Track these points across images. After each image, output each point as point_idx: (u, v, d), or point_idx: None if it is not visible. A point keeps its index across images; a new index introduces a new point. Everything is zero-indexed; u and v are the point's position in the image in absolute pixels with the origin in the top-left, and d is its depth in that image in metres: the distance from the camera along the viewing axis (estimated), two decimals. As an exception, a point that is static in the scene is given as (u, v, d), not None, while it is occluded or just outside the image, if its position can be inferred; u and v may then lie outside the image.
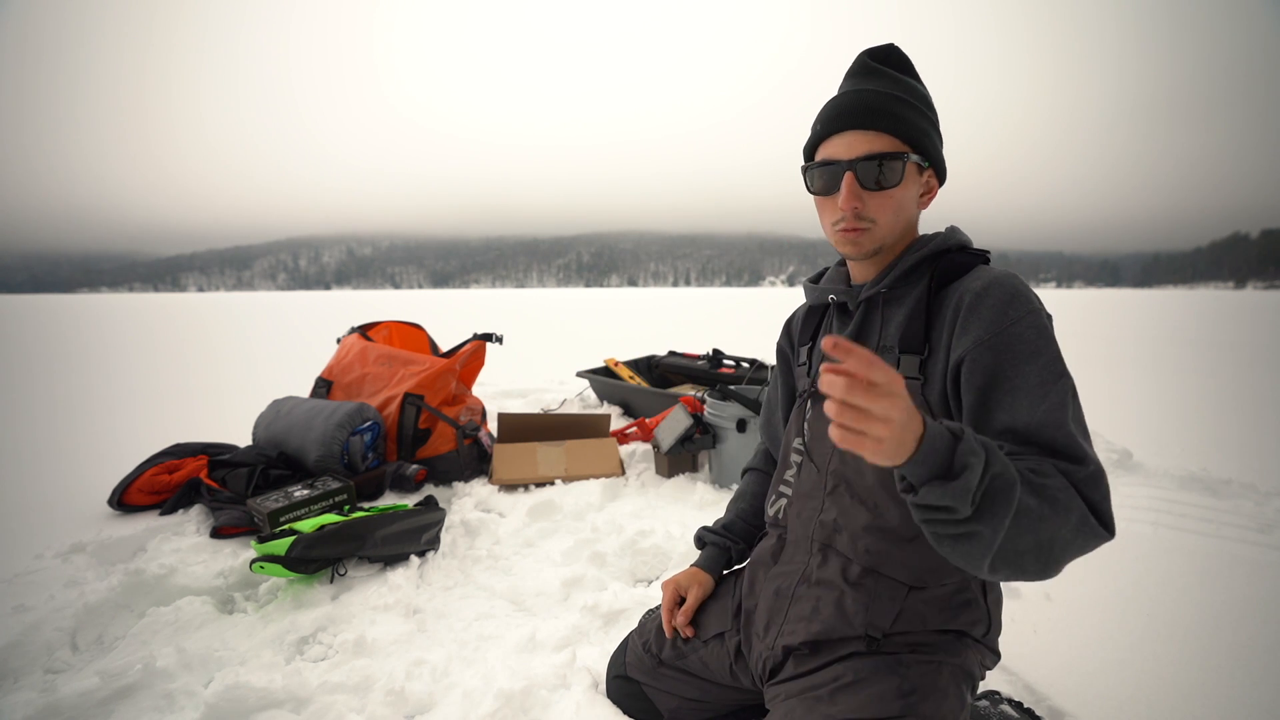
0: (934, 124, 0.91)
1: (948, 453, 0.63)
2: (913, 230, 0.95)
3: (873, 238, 0.89)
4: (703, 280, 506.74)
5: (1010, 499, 0.64)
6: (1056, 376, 0.77)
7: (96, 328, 13.34)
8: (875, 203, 0.87)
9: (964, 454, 0.62)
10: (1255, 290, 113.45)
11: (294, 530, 1.81)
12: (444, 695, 1.33)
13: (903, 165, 0.86)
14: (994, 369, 0.79)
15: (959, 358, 0.82)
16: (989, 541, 0.65)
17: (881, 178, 0.85)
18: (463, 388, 3.00)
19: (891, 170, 0.85)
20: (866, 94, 0.87)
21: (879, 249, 0.91)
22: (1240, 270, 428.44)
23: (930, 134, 0.90)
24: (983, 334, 0.80)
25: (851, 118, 0.87)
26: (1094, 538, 0.72)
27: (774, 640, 0.96)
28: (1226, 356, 7.34)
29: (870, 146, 0.85)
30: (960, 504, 0.62)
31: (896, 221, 0.89)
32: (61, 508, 2.36)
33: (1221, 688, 1.30)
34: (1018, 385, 0.77)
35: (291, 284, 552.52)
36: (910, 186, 0.89)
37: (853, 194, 0.86)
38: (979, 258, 0.91)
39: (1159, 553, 1.92)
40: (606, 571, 1.91)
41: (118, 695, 1.29)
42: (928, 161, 0.90)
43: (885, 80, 0.89)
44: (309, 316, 16.99)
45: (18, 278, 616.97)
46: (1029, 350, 0.78)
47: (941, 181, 0.94)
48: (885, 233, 0.89)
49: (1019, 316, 0.79)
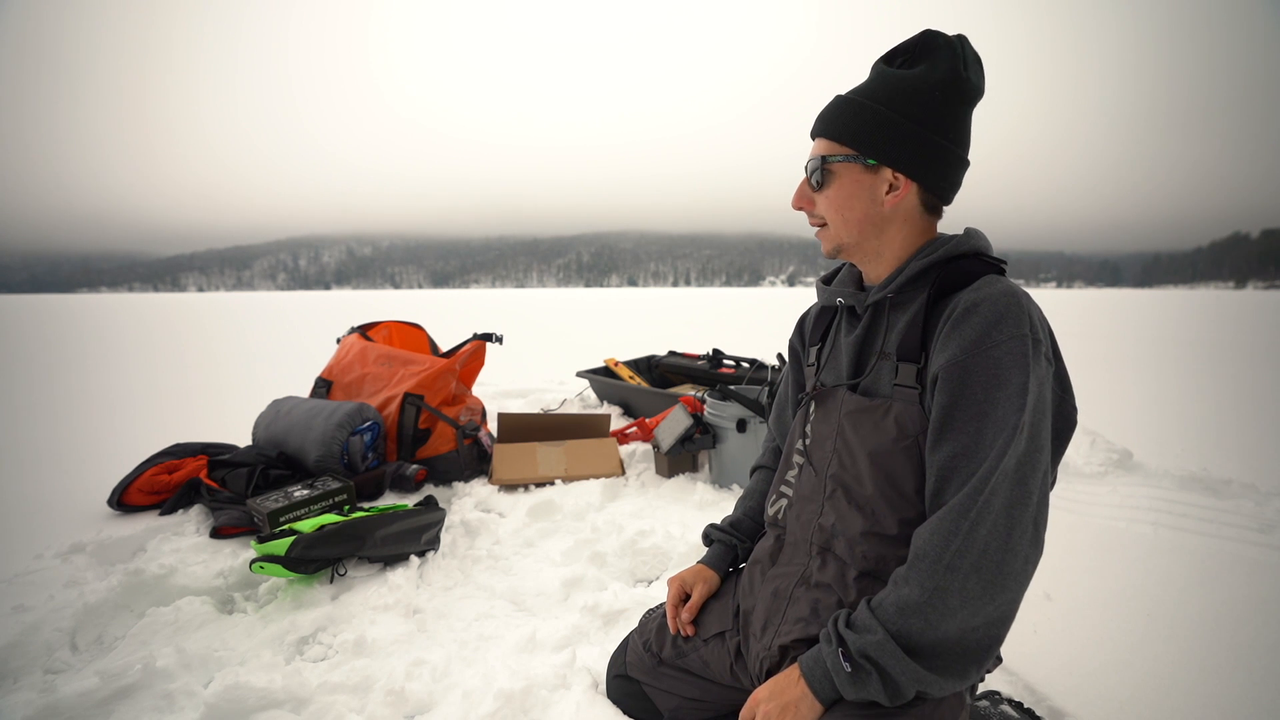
0: (900, 121, 0.86)
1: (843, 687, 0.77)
2: (898, 230, 0.92)
3: (829, 236, 0.95)
4: (703, 280, 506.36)
5: (909, 672, 0.75)
6: (1017, 410, 0.76)
7: (96, 328, 13.34)
8: (820, 204, 0.94)
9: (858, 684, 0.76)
10: (1255, 290, 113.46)
11: (294, 530, 1.81)
12: (444, 695, 1.33)
13: (831, 167, 0.90)
14: (960, 389, 0.79)
15: (935, 372, 0.82)
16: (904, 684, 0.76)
17: (820, 179, 0.92)
18: (463, 388, 3.00)
19: (826, 173, 0.91)
20: (835, 103, 0.92)
21: (837, 248, 0.96)
22: (1240, 270, 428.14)
23: (884, 133, 0.86)
24: (958, 353, 0.80)
25: (816, 125, 0.94)
26: (1021, 577, 0.77)
27: (771, 641, 0.96)
28: (1226, 356, 7.34)
29: (816, 151, 0.93)
30: (881, 696, 0.76)
31: (846, 220, 0.91)
32: (61, 508, 2.36)
33: (1221, 688, 1.30)
34: (983, 411, 0.77)
35: (291, 284, 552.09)
36: (848, 186, 0.90)
37: (799, 195, 0.96)
38: (992, 267, 0.87)
39: (1159, 553, 1.92)
40: (606, 571, 1.91)
41: (117, 695, 1.29)
42: (873, 160, 0.87)
43: (866, 83, 0.91)
44: (309, 316, 16.99)
45: (18, 278, 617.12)
46: (999, 378, 0.77)
47: (918, 179, 0.89)
48: (836, 232, 0.93)
49: (1000, 340, 0.78)
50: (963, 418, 0.79)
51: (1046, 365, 0.81)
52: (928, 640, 0.75)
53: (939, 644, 0.76)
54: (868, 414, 0.91)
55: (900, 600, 0.77)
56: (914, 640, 0.75)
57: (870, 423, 0.90)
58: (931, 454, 0.82)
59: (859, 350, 0.96)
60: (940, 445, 0.81)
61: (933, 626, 0.75)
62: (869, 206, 0.90)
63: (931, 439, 0.82)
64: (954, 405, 0.80)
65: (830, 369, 1.02)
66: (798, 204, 0.96)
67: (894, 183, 0.89)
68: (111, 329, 12.94)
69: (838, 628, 0.81)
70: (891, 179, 0.89)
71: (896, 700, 0.76)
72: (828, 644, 0.80)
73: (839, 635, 0.80)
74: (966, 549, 0.74)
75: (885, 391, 0.90)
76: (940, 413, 0.81)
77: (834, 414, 0.96)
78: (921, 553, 0.77)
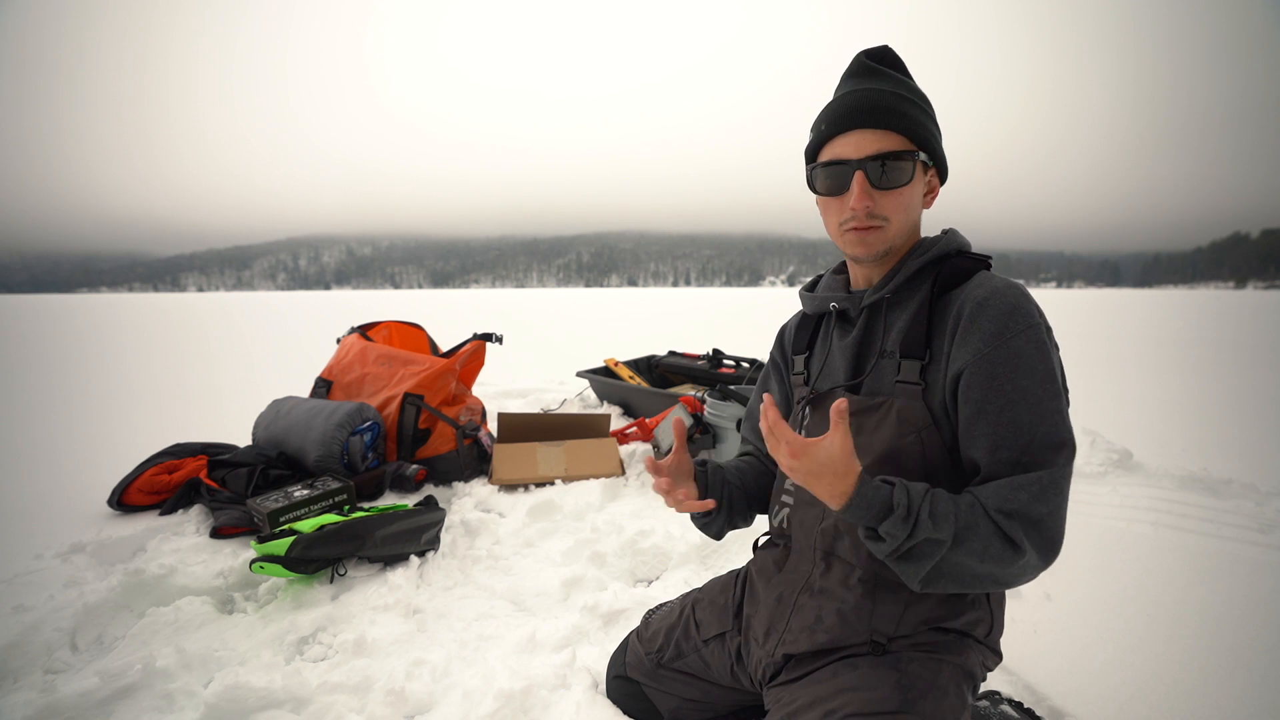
0: (936, 124, 0.91)
1: (881, 508, 0.76)
2: (917, 232, 0.95)
3: (884, 237, 0.89)
4: (703, 280, 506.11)
5: (934, 554, 0.76)
6: (1051, 395, 0.79)
7: (96, 328, 13.34)
8: (886, 201, 0.86)
9: (892, 521, 0.75)
10: (1255, 290, 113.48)
11: (294, 530, 1.81)
12: (444, 695, 1.33)
13: (912, 164, 0.86)
14: (990, 383, 0.80)
15: (958, 370, 0.83)
16: (913, 575, 0.78)
17: (893, 175, 0.85)
18: (463, 388, 3.00)
19: (901, 169, 0.85)
20: (873, 93, 0.87)
21: (888, 249, 0.90)
22: (1240, 270, 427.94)
23: (934, 133, 0.90)
24: (981, 347, 0.81)
25: (860, 116, 0.86)
26: (1009, 565, 0.78)
27: (774, 648, 0.96)
28: (1227, 356, 7.34)
29: (880, 145, 0.85)
30: (891, 543, 0.76)
31: (906, 221, 0.89)
32: (61, 508, 2.36)
33: (1222, 688, 1.30)
34: (1013, 400, 0.79)
35: (291, 284, 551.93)
36: (917, 186, 0.89)
37: (865, 192, 0.85)
38: (981, 263, 0.90)
39: (1159, 553, 1.92)
40: (606, 571, 1.91)
41: (117, 695, 1.29)
42: (932, 161, 0.90)
43: (888, 80, 0.89)
44: (309, 316, 16.98)
45: (18, 278, 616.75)
46: (1025, 366, 0.79)
47: (943, 181, 0.94)
48: (895, 232, 0.89)
49: (1019, 330, 0.80)
50: (995, 409, 0.80)
51: (1056, 350, 0.84)
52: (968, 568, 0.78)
53: (960, 570, 0.78)
54: (870, 413, 0.91)
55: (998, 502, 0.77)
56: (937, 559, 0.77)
57: (873, 421, 0.90)
58: (971, 449, 0.83)
59: (857, 351, 0.96)
60: (977, 440, 0.81)
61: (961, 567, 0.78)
62: (919, 207, 0.92)
63: (966, 436, 0.83)
64: (985, 399, 0.80)
65: (825, 375, 1.01)
66: (863, 203, 0.85)
67: (930, 184, 0.93)
68: (111, 329, 12.93)
69: (919, 511, 0.76)
70: (930, 181, 0.92)
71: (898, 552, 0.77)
72: (903, 512, 0.75)
73: (916, 516, 0.75)
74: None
75: (886, 390, 0.90)
76: (973, 408, 0.81)
77: None
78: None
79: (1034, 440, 0.78)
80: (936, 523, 0.75)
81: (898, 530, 0.75)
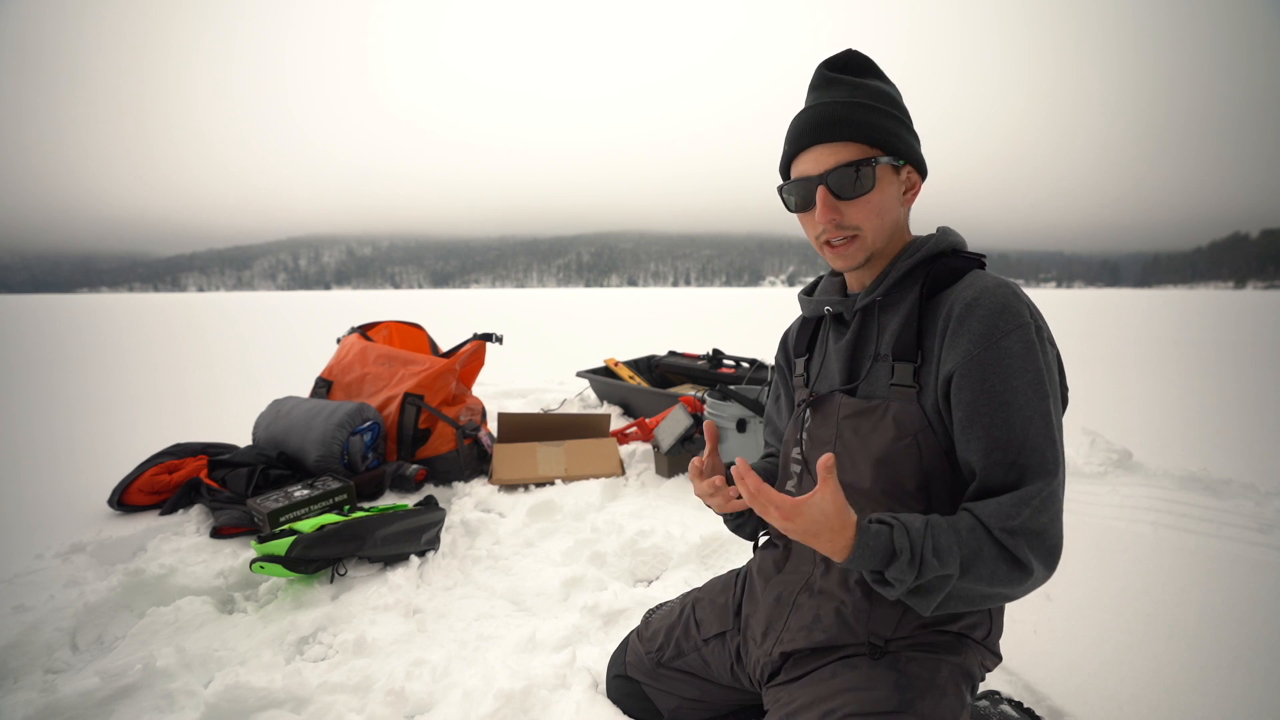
0: (901, 120, 0.89)
1: (884, 554, 0.75)
2: (903, 232, 0.94)
3: (861, 246, 0.89)
4: (703, 280, 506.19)
5: (943, 587, 0.76)
6: (1041, 397, 0.79)
7: (96, 328, 13.34)
8: (853, 211, 0.86)
9: (896, 569, 0.75)
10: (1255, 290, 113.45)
11: (294, 530, 1.81)
12: (444, 695, 1.33)
13: (872, 170, 0.85)
14: (980, 385, 0.80)
15: (949, 372, 0.82)
16: (924, 607, 0.78)
17: (855, 185, 0.85)
18: (463, 388, 3.00)
19: (863, 176, 0.85)
20: (826, 106, 0.87)
21: (869, 256, 0.90)
22: (1240, 270, 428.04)
23: (897, 131, 0.88)
24: (971, 348, 0.80)
25: (815, 132, 0.86)
26: (1017, 585, 0.78)
27: (772, 647, 0.96)
28: (1226, 356, 7.34)
29: (838, 157, 0.85)
30: (899, 590, 0.76)
31: (881, 225, 0.88)
32: (61, 508, 2.36)
33: (1221, 688, 1.30)
34: (1005, 401, 0.79)
35: (291, 284, 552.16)
36: (887, 188, 0.87)
37: (829, 207, 0.86)
38: (974, 262, 0.90)
39: (1159, 553, 1.92)
40: (606, 571, 1.91)
41: (118, 695, 1.29)
42: (901, 159, 0.88)
43: (844, 88, 0.88)
44: (309, 316, 16.99)
45: (18, 278, 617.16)
46: (1016, 366, 0.79)
47: (923, 176, 0.93)
48: (872, 239, 0.88)
49: (1008, 330, 0.80)
50: (986, 411, 0.79)
51: (1050, 348, 0.83)
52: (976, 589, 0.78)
53: (970, 594, 0.78)
54: (866, 415, 0.91)
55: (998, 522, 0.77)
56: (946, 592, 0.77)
57: (869, 424, 0.90)
58: (965, 452, 0.82)
59: (851, 355, 0.96)
60: (971, 443, 0.81)
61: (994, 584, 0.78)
62: (897, 208, 0.90)
63: (961, 438, 0.82)
64: (977, 401, 0.80)
65: (823, 377, 1.01)
66: (828, 217, 0.86)
67: (909, 182, 0.91)
68: (111, 329, 12.94)
69: (922, 551, 0.75)
70: (907, 178, 0.91)
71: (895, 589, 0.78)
72: (907, 556, 0.74)
73: (921, 556, 0.74)
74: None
75: (881, 393, 0.90)
76: (965, 411, 0.81)
77: (832, 418, 0.96)
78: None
79: (1027, 442, 0.78)
80: (942, 559, 0.75)
81: (905, 575, 0.74)
